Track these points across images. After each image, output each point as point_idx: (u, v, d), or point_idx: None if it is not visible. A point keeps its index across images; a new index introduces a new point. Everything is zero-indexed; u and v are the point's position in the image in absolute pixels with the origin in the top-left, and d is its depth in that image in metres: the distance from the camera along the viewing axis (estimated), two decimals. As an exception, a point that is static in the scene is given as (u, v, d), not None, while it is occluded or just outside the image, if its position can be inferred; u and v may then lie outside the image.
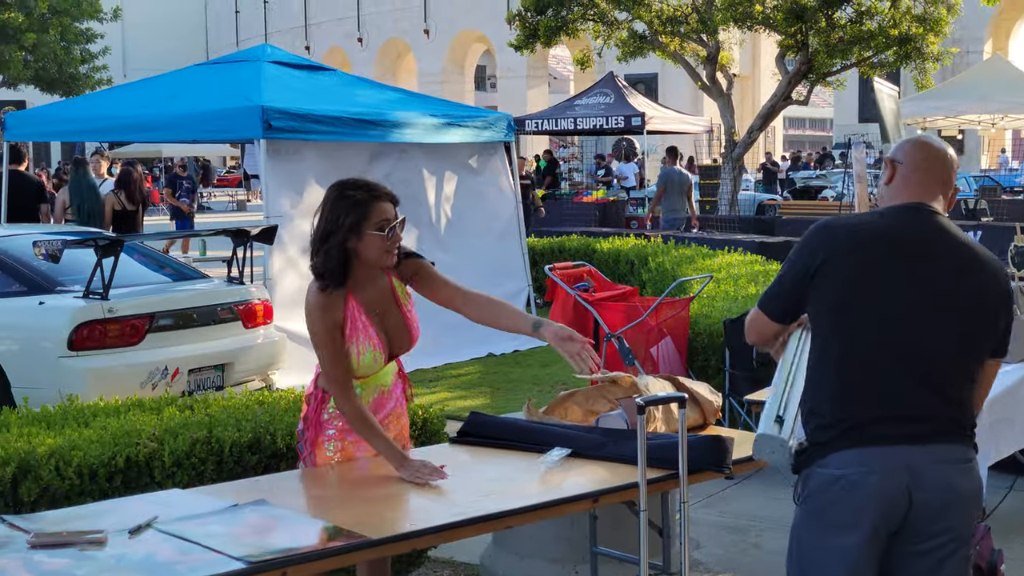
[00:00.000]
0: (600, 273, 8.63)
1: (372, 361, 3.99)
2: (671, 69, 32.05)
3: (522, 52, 23.04)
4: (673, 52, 21.73)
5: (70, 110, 13.11)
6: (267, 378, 8.62)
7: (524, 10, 21.85)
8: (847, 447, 3.16)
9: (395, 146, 10.96)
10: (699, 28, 20.73)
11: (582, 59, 23.69)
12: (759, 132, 21.87)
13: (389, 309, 4.06)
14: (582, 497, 3.81)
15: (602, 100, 23.71)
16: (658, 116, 23.50)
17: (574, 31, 22.02)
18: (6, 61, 32.66)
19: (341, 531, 3.36)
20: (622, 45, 21.82)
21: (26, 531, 3.34)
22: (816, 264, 3.22)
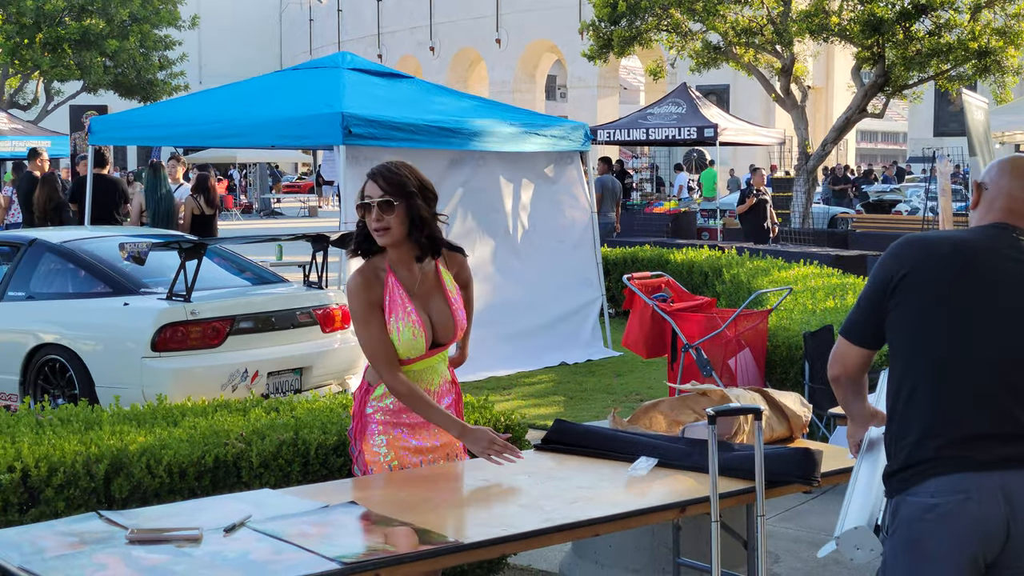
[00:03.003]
0: (678, 284, 8.60)
1: (411, 339, 3.94)
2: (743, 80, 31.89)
3: (595, 62, 23.04)
4: (747, 63, 21.62)
5: (151, 115, 13.30)
6: (344, 383, 8.69)
7: (598, 20, 21.85)
8: (941, 473, 3.02)
9: (473, 154, 11.00)
10: (774, 39, 20.60)
11: (655, 69, 23.64)
12: (833, 145, 21.67)
13: (433, 294, 4.03)
14: (670, 507, 3.80)
15: (675, 110, 23.60)
16: (731, 127, 23.36)
17: (647, 41, 21.98)
18: (88, 67, 33.19)
19: (432, 534, 3.38)
20: (696, 56, 21.74)
21: (124, 527, 3.39)
22: (897, 278, 3.14)
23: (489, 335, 10.95)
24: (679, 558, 4.70)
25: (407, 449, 4.04)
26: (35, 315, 8.28)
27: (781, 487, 4.01)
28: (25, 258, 8.62)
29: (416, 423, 4.05)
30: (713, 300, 8.73)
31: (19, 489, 4.26)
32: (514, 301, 11.27)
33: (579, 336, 11.82)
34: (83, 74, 33.61)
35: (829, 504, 6.68)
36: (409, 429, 4.05)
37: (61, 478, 4.31)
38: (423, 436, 4.06)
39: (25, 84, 36.93)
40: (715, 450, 3.69)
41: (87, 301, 8.17)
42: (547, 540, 3.60)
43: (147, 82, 35.46)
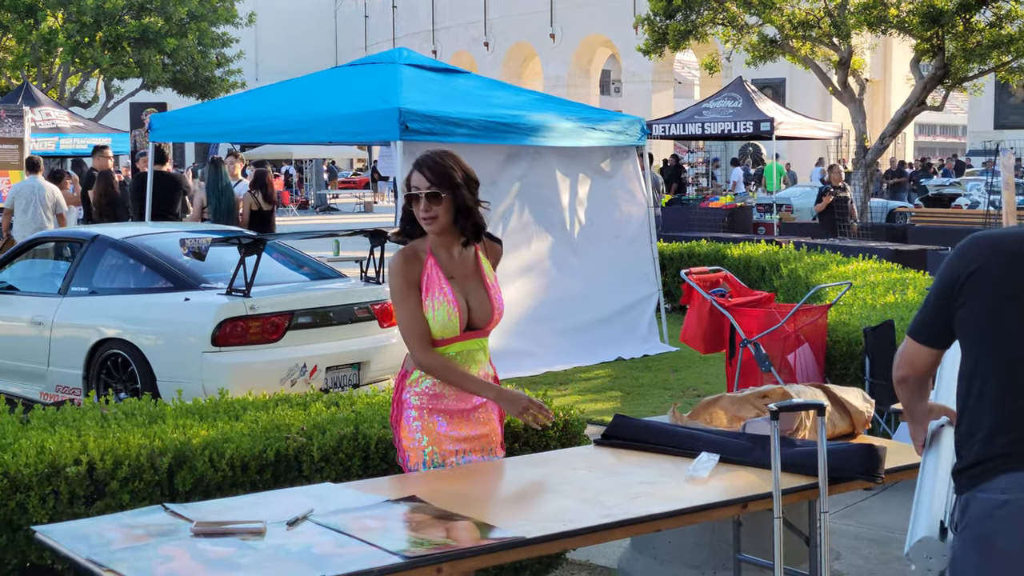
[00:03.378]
0: (736, 279, 8.54)
1: (446, 318, 3.99)
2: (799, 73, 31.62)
3: (650, 56, 22.94)
4: (804, 56, 21.43)
5: (210, 112, 13.42)
6: (401, 377, 8.71)
7: (653, 14, 21.75)
8: (1012, 469, 2.97)
9: (529, 149, 10.99)
10: (831, 32, 20.40)
11: (710, 63, 23.49)
12: (891, 138, 21.43)
13: (471, 279, 4.09)
14: (731, 502, 3.78)
15: (730, 104, 23.45)
16: (787, 121, 23.17)
17: (703, 35, 21.86)
18: (146, 65, 33.55)
19: (493, 529, 3.38)
20: (752, 49, 21.58)
21: (188, 520, 3.42)
22: (964, 276, 3.10)
23: (546, 330, 10.96)
24: (739, 554, 4.68)
25: (444, 437, 4.05)
26: (98, 310, 8.38)
27: (844, 483, 3.98)
28: (88, 254, 8.73)
29: (454, 410, 4.06)
30: (772, 295, 8.67)
31: (85, 482, 4.32)
32: (571, 296, 11.26)
33: (636, 331, 11.78)
34: (142, 72, 33.98)
35: (890, 500, 6.63)
36: (447, 417, 4.06)
37: (126, 471, 4.37)
38: (461, 425, 4.07)
39: (86, 82, 37.41)
40: (778, 446, 3.67)
41: (148, 296, 8.26)
42: (608, 535, 3.59)
43: (205, 79, 35.80)
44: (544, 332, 10.97)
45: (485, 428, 4.12)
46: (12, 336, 8.87)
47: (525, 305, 10.90)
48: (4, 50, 35.83)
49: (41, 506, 4.23)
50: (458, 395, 4.07)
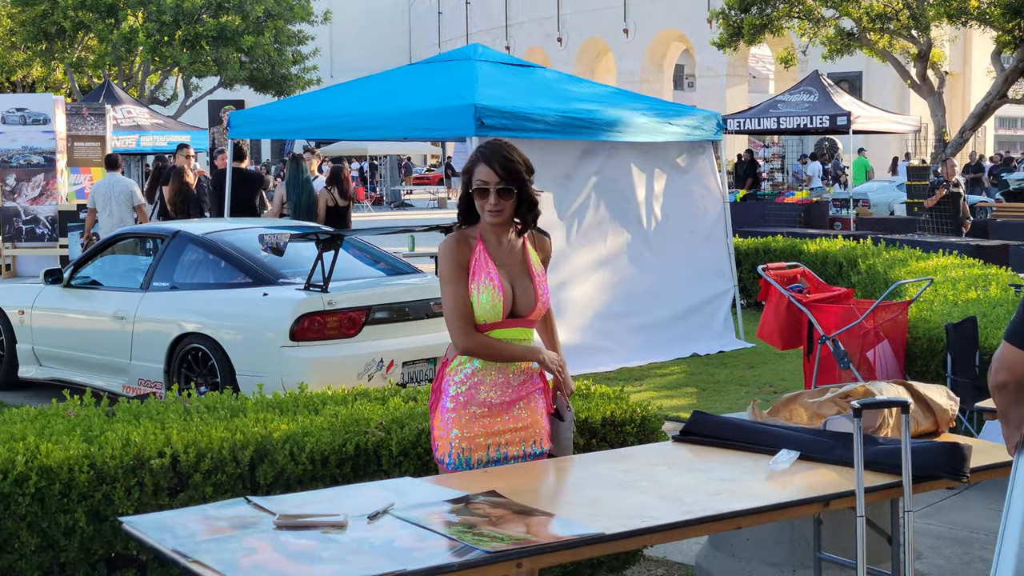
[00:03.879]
0: (814, 274, 8.46)
1: (490, 303, 4.00)
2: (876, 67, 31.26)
3: (724, 51, 22.83)
4: (882, 49, 21.18)
5: (286, 109, 13.55)
6: (477, 372, 8.74)
7: (728, 8, 21.62)
8: None
9: (605, 144, 10.96)
10: (910, 24, 20.15)
11: (786, 57, 23.33)
12: (971, 132, 21.12)
13: (517, 268, 4.10)
14: (813, 500, 3.74)
15: (806, 98, 23.22)
16: (865, 115, 22.90)
17: (779, 29, 21.69)
18: (224, 63, 33.96)
19: (572, 524, 3.38)
20: (828, 43, 21.41)
21: (271, 512, 3.46)
22: None
23: (621, 326, 10.94)
24: (820, 552, 4.63)
25: (478, 430, 4.05)
26: (178, 305, 8.51)
27: (928, 482, 3.93)
28: (169, 249, 8.86)
29: (493, 403, 4.06)
30: (850, 291, 8.57)
31: (169, 474, 4.39)
32: (646, 292, 11.22)
33: (711, 327, 11.72)
34: (220, 70, 34.39)
35: (973, 500, 6.53)
36: (486, 410, 4.06)
37: (209, 464, 4.43)
38: (499, 418, 4.07)
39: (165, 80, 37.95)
40: (861, 443, 3.62)
41: (228, 291, 8.37)
42: (687, 532, 3.57)
43: (281, 77, 36.14)
44: (619, 328, 10.94)
45: (526, 421, 4.12)
46: (96, 330, 9.03)
47: (600, 301, 10.89)
48: (86, 49, 36.47)
49: (127, 497, 4.31)
50: (496, 386, 4.07)
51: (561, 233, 10.63)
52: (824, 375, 7.59)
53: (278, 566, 3.06)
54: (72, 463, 4.26)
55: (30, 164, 18.93)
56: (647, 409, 5.35)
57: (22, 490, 4.18)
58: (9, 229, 18.96)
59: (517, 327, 4.10)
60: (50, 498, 4.23)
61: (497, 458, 4.08)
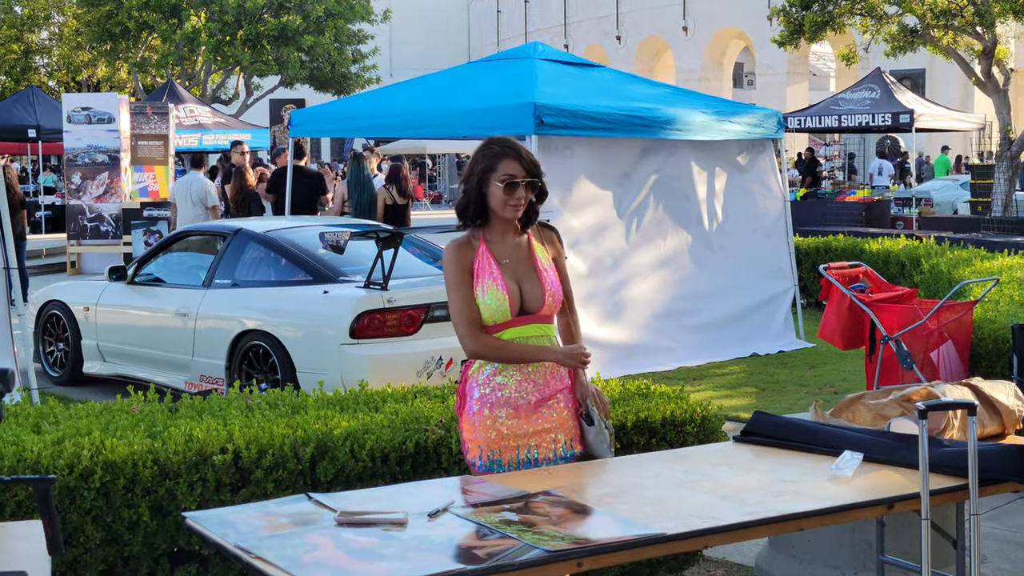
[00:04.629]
0: (876, 274, 8.36)
1: (495, 303, 3.99)
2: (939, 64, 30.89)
3: (785, 48, 22.62)
4: (946, 46, 20.89)
5: (346, 108, 13.63)
6: (536, 371, 8.73)
7: (788, 5, 21.43)
8: None
9: (665, 143, 10.92)
10: (975, 20, 19.84)
11: (847, 55, 23.06)
12: (1038, 130, 20.78)
13: (523, 264, 4.07)
14: (877, 502, 3.70)
15: (868, 96, 23.00)
16: (928, 113, 22.63)
17: (840, 26, 21.46)
18: (285, 62, 34.21)
19: (633, 524, 3.37)
20: (891, 40, 21.13)
21: (332, 509, 3.48)
22: None
23: (680, 325, 10.89)
24: (883, 555, 4.58)
25: (507, 435, 4.04)
26: (240, 302, 8.58)
27: (994, 485, 3.87)
28: (231, 247, 8.95)
29: (519, 404, 4.04)
30: (914, 291, 8.46)
31: (231, 470, 4.43)
32: (706, 291, 11.17)
33: (771, 327, 11.63)
34: (280, 69, 34.66)
35: (1039, 504, 6.42)
36: (511, 410, 4.04)
37: (270, 460, 4.46)
38: (527, 420, 4.05)
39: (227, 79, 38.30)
40: (926, 445, 3.58)
41: (288, 289, 8.43)
42: (749, 533, 3.55)
43: (341, 76, 36.34)
44: (678, 327, 10.90)
45: (552, 422, 4.10)
46: (159, 327, 9.14)
47: (659, 300, 10.85)
48: (149, 49, 36.91)
49: (189, 493, 4.35)
50: (519, 386, 4.05)
51: (620, 232, 10.60)
52: (887, 376, 7.50)
53: (340, 563, 3.08)
54: (136, 458, 4.31)
55: (95, 163, 19.20)
56: (707, 409, 5.32)
57: (87, 484, 4.24)
58: (74, 227, 19.24)
59: (531, 324, 4.07)
60: (114, 493, 4.28)
61: (527, 460, 4.07)
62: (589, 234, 10.36)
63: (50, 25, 43.27)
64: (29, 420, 4.75)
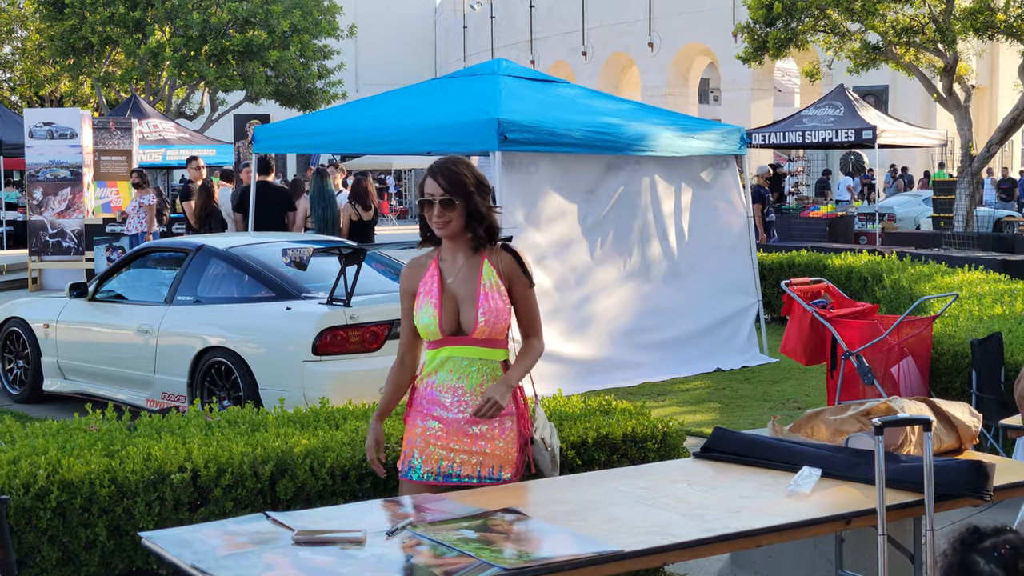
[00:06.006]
0: (838, 289, 8.41)
1: (426, 321, 4.05)
2: (903, 81, 31.11)
3: (750, 65, 22.76)
4: (908, 63, 21.09)
5: (311, 123, 13.59)
6: (499, 387, 8.72)
7: (752, 22, 21.58)
8: None
9: (629, 159, 10.95)
10: (936, 38, 20.04)
11: (811, 71, 23.26)
12: (998, 146, 21.00)
13: (467, 285, 4.07)
14: (835, 518, 3.72)
15: (831, 113, 23.13)
16: (890, 129, 22.79)
17: (804, 43, 21.62)
18: (250, 77, 34.12)
19: (592, 542, 3.37)
20: (854, 56, 21.30)
21: (290, 528, 3.46)
22: None
23: (644, 340, 10.91)
24: (842, 571, 4.60)
25: (435, 445, 4.08)
26: (202, 319, 8.53)
27: (951, 500, 3.90)
28: (193, 263, 8.90)
29: (448, 419, 4.07)
30: (875, 306, 8.52)
31: (189, 489, 4.40)
32: (670, 306, 11.19)
33: (735, 342, 11.67)
34: (246, 84, 34.55)
35: (998, 518, 6.45)
36: (442, 425, 4.09)
37: (229, 479, 4.43)
38: (455, 437, 4.08)
39: (191, 94, 38.16)
40: (882, 461, 3.60)
41: (251, 305, 8.39)
42: (708, 550, 3.56)
43: (307, 91, 36.25)
44: (643, 342, 10.92)
45: (483, 448, 4.07)
46: (120, 343, 9.07)
47: (624, 315, 10.87)
48: (113, 64, 36.72)
49: (147, 512, 4.32)
50: (451, 404, 4.07)
51: (585, 247, 10.62)
52: (848, 391, 7.55)
53: (296, 582, 3.06)
54: (93, 477, 4.28)
55: (57, 178, 19.06)
56: (669, 425, 5.33)
57: (43, 504, 4.20)
58: (36, 243, 19.09)
59: (465, 346, 4.05)
60: (71, 513, 4.24)
61: (448, 474, 4.08)
62: (554, 250, 10.37)
63: (13, 39, 42.94)
64: (-15, 439, 4.70)
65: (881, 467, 3.60)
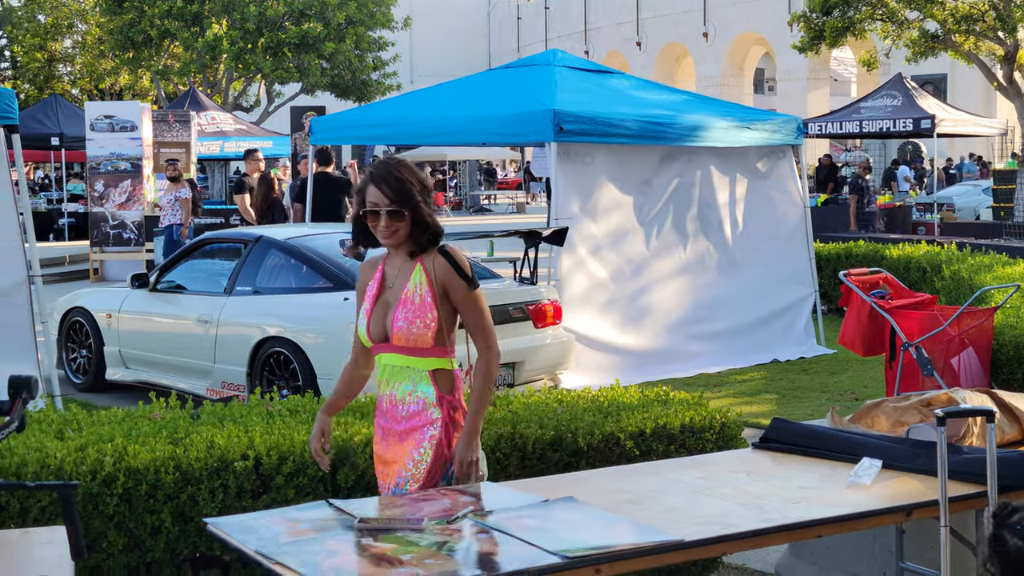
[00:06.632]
0: (897, 280, 8.34)
1: (361, 326, 4.01)
2: (961, 69, 30.75)
3: (806, 54, 22.60)
4: (967, 51, 20.83)
5: (367, 115, 13.66)
6: (555, 378, 8.76)
7: (809, 11, 21.42)
8: None
9: (684, 149, 10.93)
10: (996, 26, 19.78)
11: (868, 60, 23.05)
12: (1060, 135, 20.71)
13: (397, 290, 3.95)
14: (896, 510, 3.70)
15: (889, 102, 22.90)
16: (949, 118, 22.54)
17: (861, 31, 21.43)
18: (306, 69, 34.33)
19: (651, 530, 3.38)
20: (912, 45, 21.09)
21: (352, 515, 3.50)
22: None
23: (700, 331, 10.89)
24: (902, 562, 4.58)
25: (376, 456, 4.04)
26: (261, 309, 8.62)
27: (1013, 492, 3.86)
28: (252, 254, 8.99)
29: (384, 427, 4.00)
30: (934, 297, 8.44)
31: (252, 476, 4.46)
32: (726, 297, 11.16)
33: (791, 333, 11.61)
34: (302, 76, 34.76)
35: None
36: (380, 435, 4.02)
37: (291, 466, 4.49)
38: (384, 444, 3.99)
39: (248, 87, 38.45)
40: (945, 452, 3.58)
41: (309, 296, 8.46)
42: (767, 540, 3.56)
43: (362, 83, 36.41)
44: (698, 333, 10.89)
45: (402, 459, 3.93)
46: (181, 333, 9.19)
47: (680, 306, 10.85)
48: (172, 57, 37.09)
49: (211, 499, 4.38)
50: (386, 412, 3.99)
51: (641, 238, 10.61)
52: (907, 382, 7.48)
53: (359, 568, 3.10)
54: (158, 464, 4.34)
55: (117, 170, 19.30)
56: (726, 416, 5.32)
57: (110, 491, 4.27)
58: (97, 234, 19.36)
59: (389, 353, 3.96)
60: (137, 499, 4.31)
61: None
62: (609, 241, 10.37)
63: (73, 34, 43.55)
64: (53, 427, 4.78)
65: (944, 458, 3.58)
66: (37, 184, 36.28)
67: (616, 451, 4.95)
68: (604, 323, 10.19)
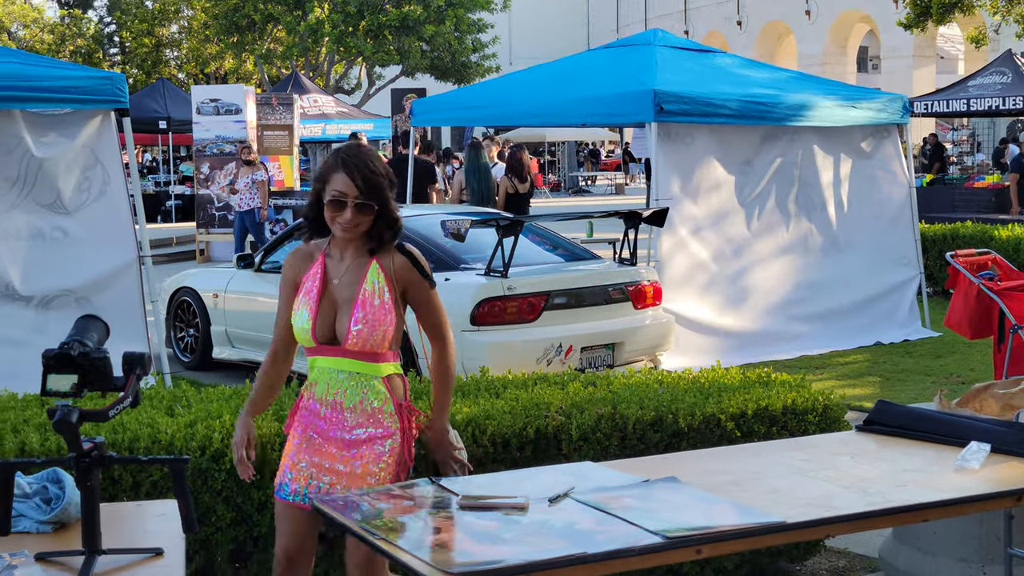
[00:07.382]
0: (1006, 261, 8.17)
1: (300, 325, 3.75)
2: (1076, 45, 29.91)
3: (911, 31, 22.17)
4: (1081, 27, 20.29)
5: (467, 97, 13.73)
6: (655, 359, 8.74)
7: (916, -13, 21.03)
8: None
9: (786, 129, 10.80)
10: (1113, -1, 19.22)
11: (976, 37, 22.54)
12: None
13: (349, 290, 3.72)
14: (1005, 494, 3.63)
15: (999, 80, 22.36)
16: (1062, 96, 21.93)
17: (969, 7, 20.97)
18: (406, 52, 34.58)
19: (754, 512, 3.36)
20: (1022, 20, 20.57)
21: (455, 493, 3.54)
22: None
23: (802, 313, 10.78)
24: (1011, 548, 4.50)
25: (304, 457, 3.81)
26: (362, 289, 8.70)
27: None
28: (354, 235, 9.08)
29: (327, 435, 3.79)
30: (1046, 279, 8.24)
31: (356, 453, 4.51)
32: (828, 278, 11.03)
33: (896, 315, 11.44)
34: (402, 59, 35.04)
35: None
36: (322, 438, 3.80)
37: (393, 444, 4.53)
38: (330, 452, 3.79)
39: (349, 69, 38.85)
40: (1056, 437, 3.51)
41: (409, 277, 8.52)
42: (871, 524, 3.51)
43: (461, 65, 36.61)
44: (800, 315, 10.78)
45: (356, 470, 3.75)
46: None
47: (782, 287, 10.75)
48: (275, 41, 37.60)
49: (315, 475, 4.45)
50: (328, 418, 3.79)
51: (742, 219, 10.53)
52: (1016, 365, 7.33)
53: (462, 545, 3.13)
54: (265, 440, 4.43)
55: (223, 153, 19.64)
56: (829, 398, 5.27)
57: (219, 466, 4.36)
58: (203, 215, 19.73)
59: (337, 357, 3.74)
60: (245, 474, 4.40)
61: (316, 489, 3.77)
62: (710, 221, 10.31)
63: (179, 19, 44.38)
64: (163, 403, 4.90)
65: (1055, 442, 3.51)
66: (145, 167, 37.08)
67: (717, 432, 4.93)
68: (704, 304, 10.13)
